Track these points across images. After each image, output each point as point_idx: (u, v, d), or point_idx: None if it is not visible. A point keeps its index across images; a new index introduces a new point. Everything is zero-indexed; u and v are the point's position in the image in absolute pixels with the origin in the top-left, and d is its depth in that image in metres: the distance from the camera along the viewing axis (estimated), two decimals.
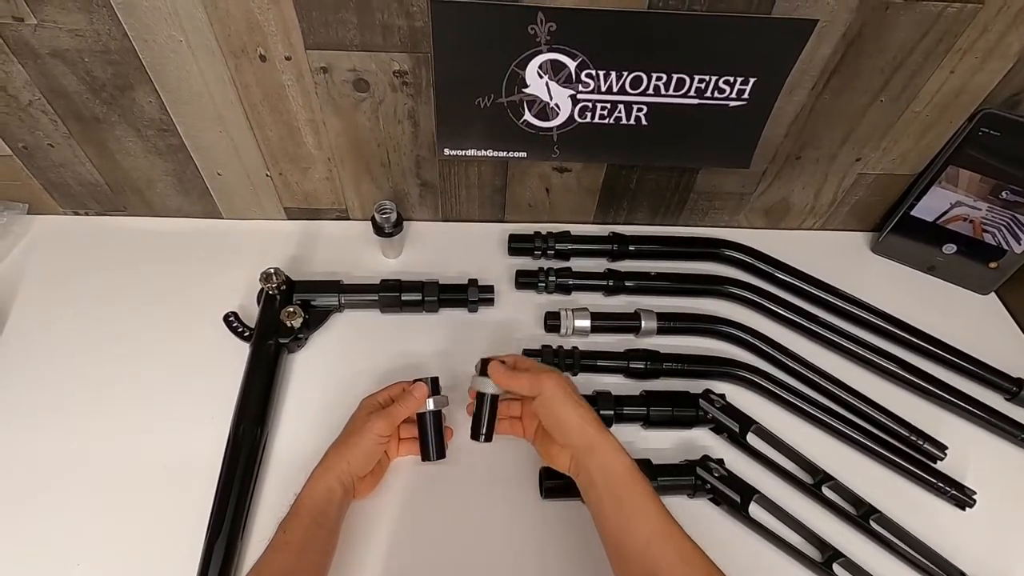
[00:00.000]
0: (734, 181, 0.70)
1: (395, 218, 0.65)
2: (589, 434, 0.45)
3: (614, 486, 0.43)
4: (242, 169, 0.66)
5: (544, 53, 0.56)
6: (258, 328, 0.59)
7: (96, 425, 0.55)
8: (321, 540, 0.44)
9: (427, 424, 0.51)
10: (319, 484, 0.45)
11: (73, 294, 0.64)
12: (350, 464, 0.47)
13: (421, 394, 0.50)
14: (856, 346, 0.64)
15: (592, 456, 0.44)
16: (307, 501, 0.44)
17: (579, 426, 0.45)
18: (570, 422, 0.45)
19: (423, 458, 0.52)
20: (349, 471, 0.47)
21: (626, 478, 0.43)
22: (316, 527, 0.44)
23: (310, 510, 0.44)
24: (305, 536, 0.43)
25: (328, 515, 0.45)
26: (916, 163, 0.68)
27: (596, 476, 0.43)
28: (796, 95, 0.60)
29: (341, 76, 0.57)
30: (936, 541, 0.52)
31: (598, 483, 0.43)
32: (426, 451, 0.52)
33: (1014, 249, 0.68)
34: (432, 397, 0.51)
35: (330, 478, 0.46)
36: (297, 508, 0.44)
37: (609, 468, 0.43)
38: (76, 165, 0.64)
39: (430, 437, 0.51)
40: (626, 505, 0.42)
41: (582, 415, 0.45)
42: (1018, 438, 0.59)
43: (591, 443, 0.44)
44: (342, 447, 0.48)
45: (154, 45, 0.53)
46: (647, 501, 0.42)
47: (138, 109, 0.59)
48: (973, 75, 0.59)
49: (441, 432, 0.52)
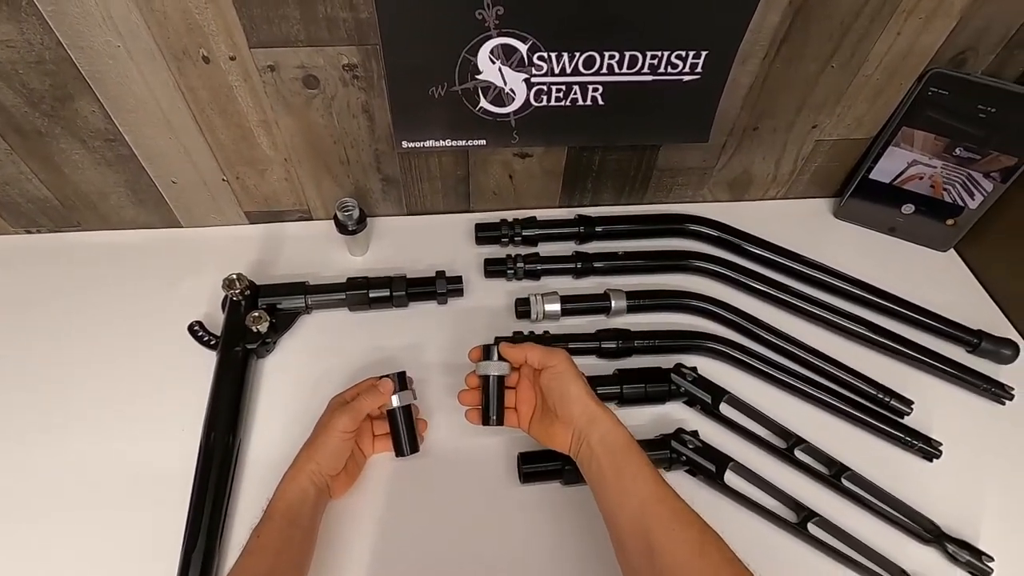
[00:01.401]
0: (695, 156, 0.71)
1: (358, 215, 0.65)
2: (592, 407, 0.46)
3: (613, 456, 0.44)
4: (197, 175, 0.64)
5: (494, 38, 0.55)
6: (224, 335, 0.58)
7: (65, 444, 0.54)
8: (297, 542, 0.44)
9: (397, 420, 0.51)
10: (291, 486, 0.45)
11: (31, 314, 0.62)
12: (319, 464, 0.46)
13: (386, 389, 0.50)
14: (822, 311, 0.65)
15: (594, 428, 0.46)
16: (280, 504, 0.44)
17: (583, 399, 0.47)
18: (576, 395, 0.47)
19: (396, 454, 0.52)
20: (319, 471, 0.46)
21: (624, 448, 0.45)
22: (291, 529, 0.43)
23: (283, 513, 0.44)
24: (280, 539, 0.43)
25: (302, 516, 0.44)
26: (871, 127, 0.69)
27: (597, 448, 0.45)
28: (748, 66, 0.61)
29: (289, 74, 0.56)
30: (906, 494, 0.53)
31: (598, 453, 0.45)
32: (399, 446, 0.51)
33: (970, 205, 0.69)
34: (398, 393, 0.51)
35: (302, 479, 0.46)
36: (270, 512, 0.44)
37: (609, 439, 0.45)
38: (22, 182, 0.62)
39: (401, 432, 0.51)
40: (624, 473, 0.43)
41: (587, 390, 0.48)
42: (980, 388, 0.61)
43: (593, 416, 0.46)
44: (310, 447, 0.48)
45: (91, 52, 0.52)
46: (643, 468, 0.43)
47: (81, 120, 0.57)
48: (919, 36, 0.59)
49: (412, 426, 0.52)
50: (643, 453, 0.45)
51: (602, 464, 0.44)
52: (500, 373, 0.50)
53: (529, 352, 0.50)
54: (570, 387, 0.47)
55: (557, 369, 0.48)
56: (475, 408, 0.52)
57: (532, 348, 0.50)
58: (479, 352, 0.52)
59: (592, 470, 0.45)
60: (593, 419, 0.46)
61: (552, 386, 0.48)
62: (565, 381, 0.47)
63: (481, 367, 0.51)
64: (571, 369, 0.48)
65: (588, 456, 0.45)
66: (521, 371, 0.52)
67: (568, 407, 0.47)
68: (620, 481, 0.43)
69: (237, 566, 0.41)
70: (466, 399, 0.52)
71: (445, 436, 0.55)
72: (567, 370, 0.48)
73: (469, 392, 0.52)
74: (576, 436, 0.47)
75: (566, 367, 0.48)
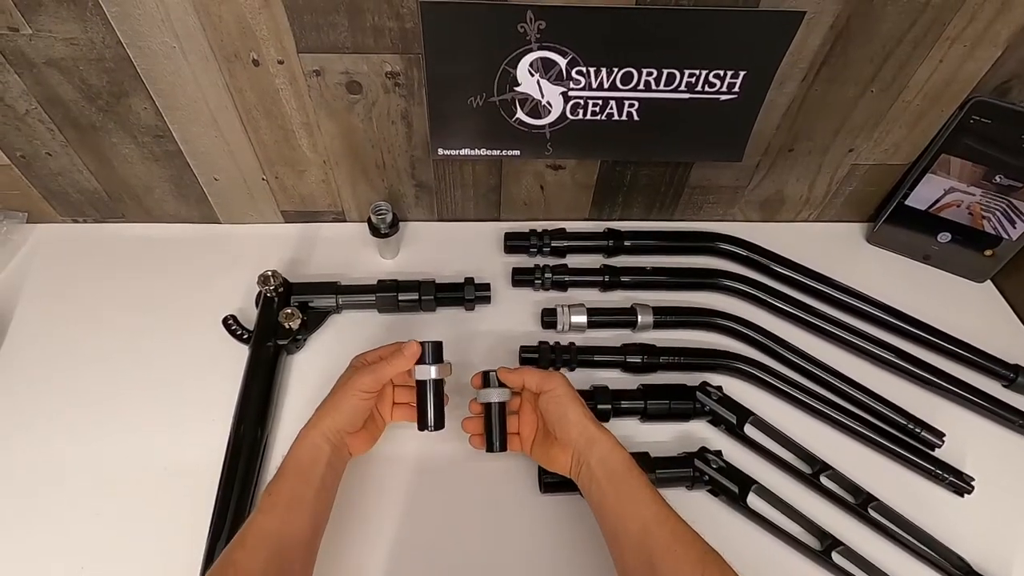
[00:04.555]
0: (728, 175, 0.71)
1: (391, 219, 0.66)
2: (590, 429, 0.46)
3: (613, 478, 0.44)
4: (238, 173, 0.66)
5: (534, 51, 0.56)
6: (257, 330, 0.59)
7: (99, 430, 0.55)
8: (309, 500, 0.43)
9: (427, 391, 0.49)
10: (304, 443, 0.45)
11: (73, 302, 0.64)
12: (335, 420, 0.46)
13: (411, 352, 0.48)
14: (853, 336, 0.64)
15: (593, 450, 0.46)
16: (291, 461, 0.44)
17: (581, 422, 0.47)
18: (574, 417, 0.47)
19: (420, 427, 0.49)
20: (335, 427, 0.46)
21: (624, 470, 0.45)
22: (303, 486, 0.43)
23: (294, 469, 0.44)
24: (291, 496, 0.42)
25: (314, 473, 0.44)
26: (909, 153, 0.68)
27: (596, 470, 0.45)
28: (787, 87, 0.61)
29: (334, 79, 0.57)
30: (935, 528, 0.52)
31: (598, 475, 0.45)
32: (423, 419, 0.49)
33: (1010, 236, 0.68)
34: (434, 365, 0.49)
35: (315, 435, 0.45)
36: (282, 469, 0.44)
37: (608, 461, 0.45)
38: (74, 173, 0.65)
39: (429, 405, 0.49)
40: (624, 495, 0.43)
41: (584, 412, 0.48)
42: (1016, 424, 0.59)
43: (592, 438, 0.46)
44: (327, 404, 0.47)
45: (148, 52, 0.54)
46: (644, 490, 0.43)
47: (134, 116, 0.59)
48: (962, 63, 0.59)
49: (441, 402, 0.49)
50: (643, 475, 0.45)
51: (602, 486, 0.44)
52: (501, 400, 0.50)
53: (527, 376, 0.49)
54: (568, 410, 0.47)
55: (555, 393, 0.48)
56: (478, 435, 0.51)
57: (529, 372, 0.50)
58: (480, 379, 0.51)
59: (593, 492, 0.45)
60: (592, 441, 0.46)
61: (550, 409, 0.48)
62: (563, 404, 0.47)
63: (482, 394, 0.50)
64: (568, 392, 0.48)
65: (588, 478, 0.45)
66: (523, 395, 0.52)
67: (567, 430, 0.47)
68: (621, 503, 0.43)
69: (248, 523, 0.41)
70: (469, 427, 0.52)
71: (467, 441, 0.56)
72: (564, 393, 0.48)
73: (472, 419, 0.52)
74: (576, 458, 0.47)
75: (563, 390, 0.48)
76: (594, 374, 0.61)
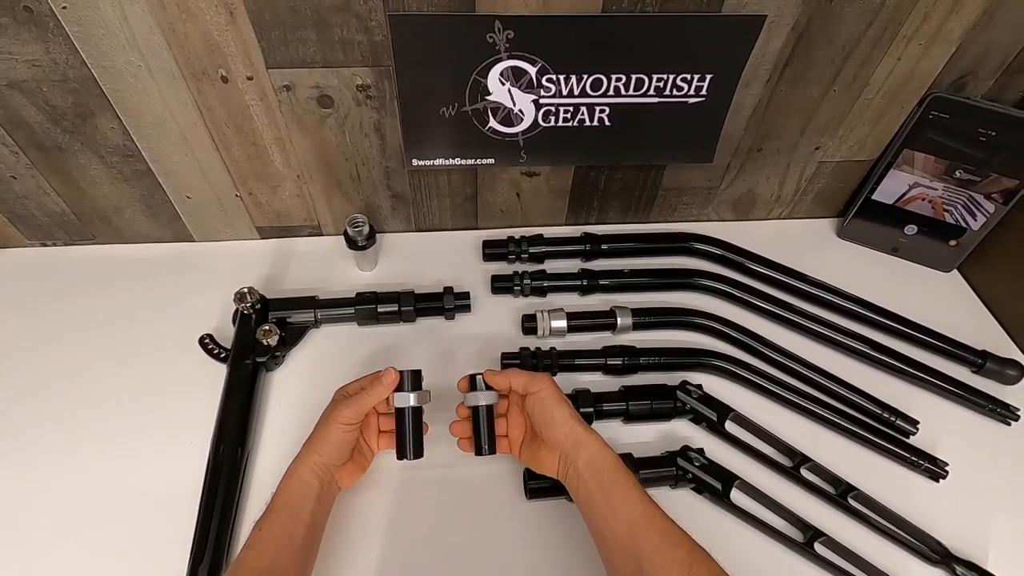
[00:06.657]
0: (700, 176, 0.72)
1: (368, 231, 0.66)
2: (577, 431, 0.47)
3: (601, 478, 0.45)
4: (211, 191, 0.66)
5: (504, 60, 0.56)
6: (234, 348, 0.59)
7: (75, 456, 0.54)
8: (300, 536, 0.43)
9: (405, 420, 0.49)
10: (292, 479, 0.45)
11: (45, 327, 0.63)
12: (321, 455, 0.46)
13: (389, 380, 0.48)
14: (827, 329, 0.65)
15: (580, 451, 0.46)
16: (281, 497, 0.44)
17: (568, 423, 0.47)
18: (560, 419, 0.47)
19: (399, 456, 0.49)
20: (321, 462, 0.46)
21: (611, 470, 0.45)
22: (292, 523, 0.43)
23: (285, 506, 0.44)
24: (281, 533, 0.42)
25: (304, 509, 0.44)
26: (873, 149, 0.70)
27: (584, 471, 0.45)
28: (753, 89, 0.62)
29: (304, 93, 0.57)
30: (912, 514, 0.53)
31: (585, 477, 0.45)
32: (402, 449, 0.49)
33: (972, 226, 0.70)
34: (412, 392, 0.49)
35: (303, 471, 0.45)
36: (272, 505, 0.44)
37: (595, 462, 0.45)
38: (40, 196, 0.64)
39: (408, 434, 0.49)
40: (612, 495, 0.44)
41: (571, 414, 0.48)
42: (986, 408, 0.61)
43: (579, 439, 0.46)
44: (313, 439, 0.47)
45: (113, 71, 0.53)
46: (631, 490, 0.44)
47: (101, 136, 0.59)
48: (919, 61, 0.61)
49: (420, 430, 0.49)
50: (631, 474, 0.45)
51: (590, 487, 0.44)
52: (488, 403, 0.50)
53: (513, 378, 0.50)
54: (555, 412, 0.47)
55: (541, 394, 0.48)
56: (467, 438, 0.51)
57: (516, 374, 0.50)
58: (467, 383, 0.51)
59: (580, 493, 0.45)
60: (579, 442, 0.46)
61: (537, 411, 0.48)
62: (549, 406, 0.48)
63: (469, 398, 0.50)
64: (555, 393, 0.48)
65: (576, 479, 0.46)
66: (510, 398, 0.52)
67: (553, 431, 0.47)
68: (608, 503, 0.43)
69: (238, 560, 0.41)
70: (456, 430, 0.52)
71: (453, 449, 0.55)
72: (551, 395, 0.48)
73: (460, 423, 0.52)
74: (563, 460, 0.47)
75: (550, 392, 0.48)
76: (576, 378, 0.61)
